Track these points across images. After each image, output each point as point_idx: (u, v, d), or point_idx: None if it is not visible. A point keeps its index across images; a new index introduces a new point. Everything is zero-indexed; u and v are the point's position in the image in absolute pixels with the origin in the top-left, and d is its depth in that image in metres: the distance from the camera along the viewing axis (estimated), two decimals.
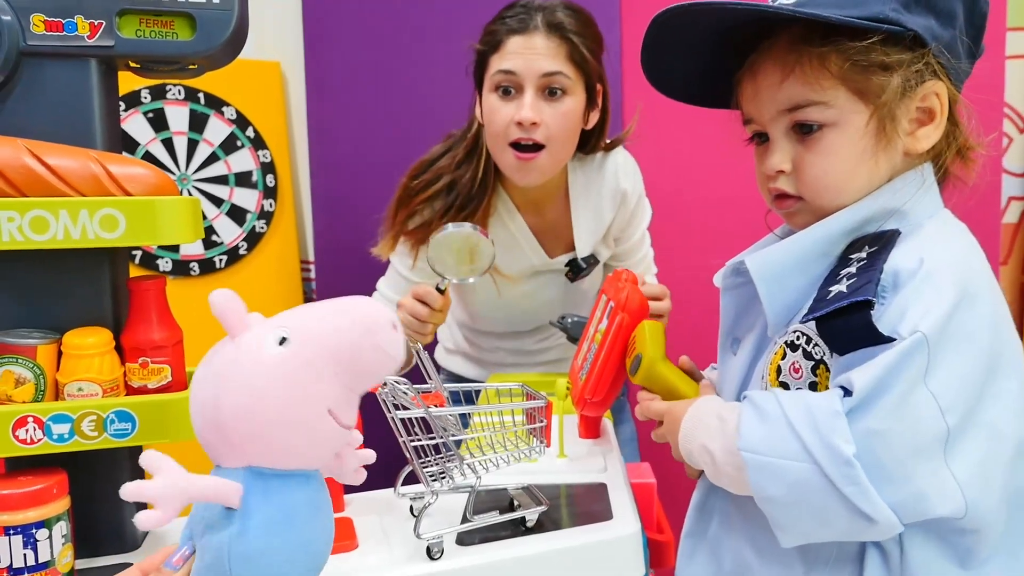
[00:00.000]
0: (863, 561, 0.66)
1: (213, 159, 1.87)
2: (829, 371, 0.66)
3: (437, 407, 0.77)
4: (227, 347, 0.55)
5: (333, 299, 0.59)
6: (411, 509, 0.82)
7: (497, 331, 1.42)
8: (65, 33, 0.72)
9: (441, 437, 0.76)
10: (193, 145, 1.85)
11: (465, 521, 0.77)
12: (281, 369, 0.54)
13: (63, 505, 0.70)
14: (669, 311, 1.17)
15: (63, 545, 0.70)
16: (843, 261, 0.67)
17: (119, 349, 0.75)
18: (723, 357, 0.81)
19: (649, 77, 0.78)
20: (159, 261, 1.82)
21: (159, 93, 1.80)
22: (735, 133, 0.79)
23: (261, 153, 1.93)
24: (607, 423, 1.07)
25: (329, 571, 0.57)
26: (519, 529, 0.78)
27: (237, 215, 1.90)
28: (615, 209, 1.31)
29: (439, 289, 1.15)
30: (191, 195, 1.84)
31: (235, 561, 0.52)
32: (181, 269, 1.84)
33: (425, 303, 1.15)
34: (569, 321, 1.22)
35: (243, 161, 1.90)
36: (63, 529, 0.70)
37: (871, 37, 0.65)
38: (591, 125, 1.25)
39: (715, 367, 0.88)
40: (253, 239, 1.92)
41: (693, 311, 1.41)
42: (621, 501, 0.84)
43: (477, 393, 1.05)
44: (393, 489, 0.84)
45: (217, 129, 1.87)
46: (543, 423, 0.83)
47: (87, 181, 0.71)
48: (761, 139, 0.75)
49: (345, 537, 0.76)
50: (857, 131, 0.68)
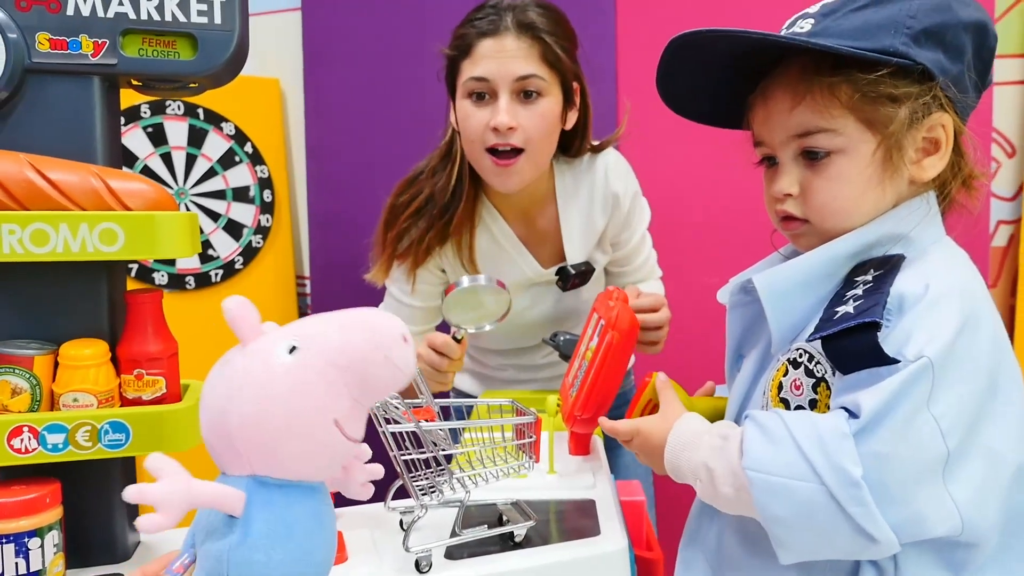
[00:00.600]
0: (858, 573, 0.67)
1: (211, 174, 1.89)
2: (829, 389, 0.67)
3: (427, 422, 0.78)
4: (237, 354, 0.55)
5: (345, 310, 0.58)
6: (401, 523, 0.83)
7: (500, 348, 1.39)
8: (69, 51, 0.74)
9: (431, 451, 0.77)
10: (191, 160, 1.86)
11: (454, 535, 0.78)
12: (289, 378, 0.54)
13: (56, 515, 0.71)
14: (668, 320, 1.14)
15: (55, 554, 0.70)
16: (849, 283, 0.69)
17: (115, 361, 0.76)
18: (730, 374, 0.83)
19: (663, 95, 0.80)
20: (155, 275, 1.83)
21: (159, 108, 1.82)
22: (744, 154, 0.81)
23: (259, 169, 1.94)
24: (597, 440, 1.08)
25: None
26: (508, 544, 0.79)
27: (234, 230, 1.92)
28: (608, 213, 1.26)
29: (456, 339, 1.12)
30: (188, 209, 1.85)
31: (233, 569, 0.52)
32: (177, 283, 1.85)
33: (443, 354, 1.12)
34: (561, 339, 1.23)
35: (241, 176, 1.92)
36: (55, 538, 0.71)
37: (881, 69, 0.67)
38: (570, 125, 1.22)
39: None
40: (249, 254, 1.94)
41: (695, 325, 1.42)
42: (609, 518, 0.85)
43: (469, 408, 1.05)
44: (383, 503, 0.84)
45: (216, 144, 1.89)
46: (532, 439, 0.84)
47: (88, 195, 0.72)
48: (770, 162, 0.77)
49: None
50: (864, 159, 0.70)
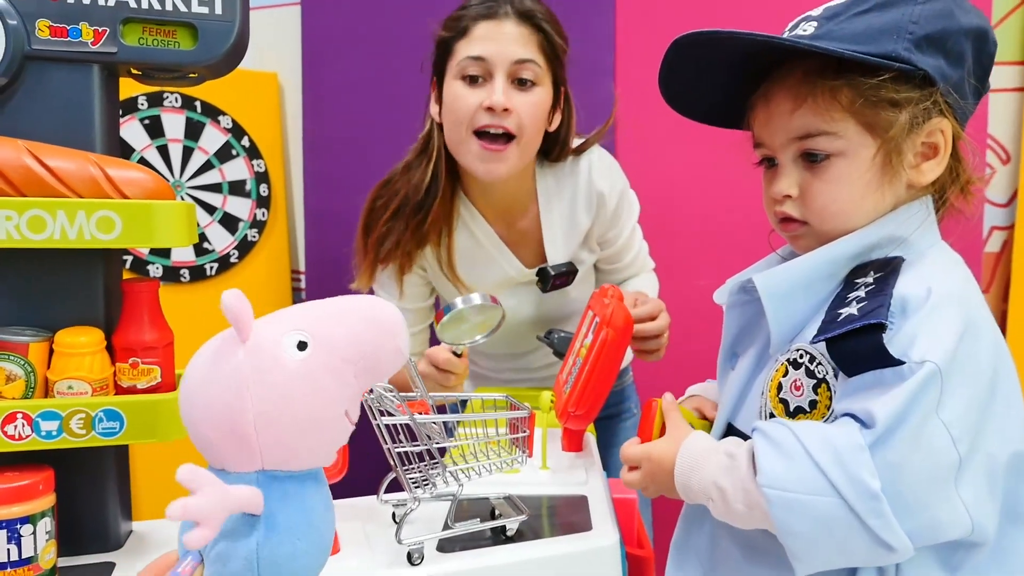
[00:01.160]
0: (856, 574, 0.67)
1: (208, 167, 1.88)
2: (830, 390, 0.67)
3: (422, 415, 0.78)
4: (236, 350, 0.54)
5: (339, 298, 0.60)
6: (393, 516, 0.83)
7: (494, 352, 1.36)
8: (69, 39, 0.74)
9: (425, 445, 0.77)
10: (188, 153, 1.86)
11: (446, 528, 0.78)
12: (306, 375, 0.55)
13: (48, 502, 0.71)
14: (668, 326, 1.13)
15: (47, 541, 0.71)
16: (849, 285, 0.69)
17: (110, 349, 0.76)
18: (722, 371, 0.83)
19: (665, 94, 0.80)
20: (150, 267, 1.83)
21: (156, 100, 1.82)
22: (742, 155, 0.81)
23: (256, 163, 1.94)
24: (590, 437, 1.08)
25: None
26: (499, 537, 0.79)
27: (230, 223, 1.91)
28: (592, 212, 1.23)
29: (456, 354, 1.11)
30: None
31: (264, 568, 0.53)
32: (171, 275, 1.85)
33: (447, 371, 1.10)
34: (555, 337, 1.24)
35: (237, 170, 1.92)
36: (47, 525, 0.71)
37: (883, 74, 0.68)
38: (554, 127, 1.20)
39: (711, 382, 0.89)
40: (245, 247, 1.93)
41: (693, 326, 1.42)
42: (601, 513, 0.86)
43: (463, 403, 1.06)
44: (376, 496, 0.85)
45: (213, 137, 1.88)
46: (526, 433, 0.85)
47: (85, 183, 0.72)
48: (770, 163, 0.77)
49: None
50: (864, 162, 0.71)
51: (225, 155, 1.90)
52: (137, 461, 1.74)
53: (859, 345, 0.63)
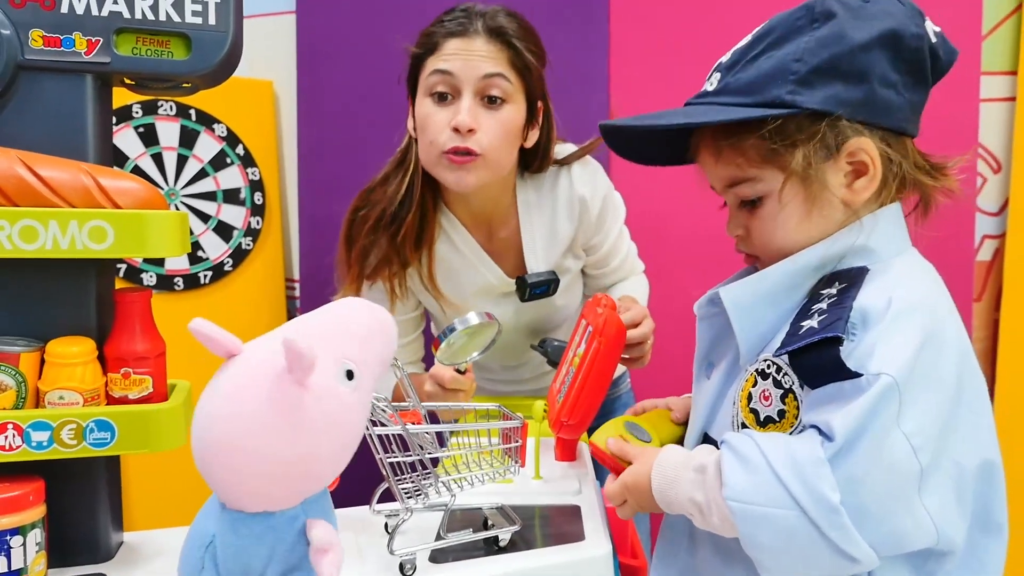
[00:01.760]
0: None
1: (202, 175, 1.89)
2: (797, 400, 0.68)
3: (414, 424, 0.78)
4: (300, 398, 0.54)
5: (359, 312, 0.63)
6: (386, 526, 0.83)
7: (487, 364, 1.35)
8: (63, 49, 0.74)
9: (417, 455, 0.77)
10: (183, 161, 1.86)
11: (439, 539, 0.78)
12: (356, 404, 0.58)
13: (39, 513, 0.71)
14: (652, 331, 1.12)
15: (36, 553, 0.70)
16: (814, 297, 0.70)
17: (102, 359, 0.76)
18: (697, 381, 0.83)
19: (619, 154, 0.83)
20: (143, 275, 1.82)
21: (151, 108, 1.82)
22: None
23: (250, 171, 1.94)
24: (583, 446, 1.08)
25: None
26: (492, 548, 0.79)
27: (224, 231, 1.91)
28: (575, 219, 1.23)
29: (460, 371, 1.10)
30: (179, 210, 1.84)
31: None
32: (165, 284, 1.85)
33: (455, 389, 1.09)
34: (550, 346, 1.24)
35: (232, 178, 1.92)
36: (37, 537, 0.70)
37: (772, 123, 0.70)
38: (531, 144, 1.19)
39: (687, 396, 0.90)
40: (239, 256, 1.93)
41: (682, 333, 1.42)
42: (594, 523, 0.86)
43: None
44: (368, 506, 0.84)
45: (207, 146, 1.89)
46: (518, 443, 0.85)
47: (78, 193, 0.72)
48: (727, 203, 0.80)
49: None
50: (788, 198, 0.73)
51: (220, 163, 1.90)
52: (130, 472, 1.73)
53: (818, 358, 0.64)
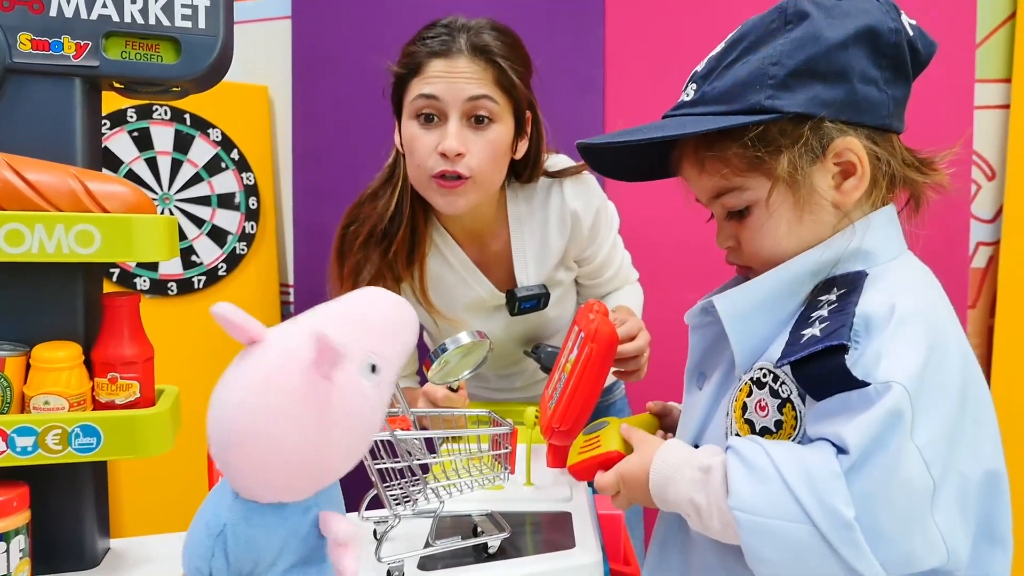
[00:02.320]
0: None
1: (196, 180, 1.88)
2: (795, 410, 0.66)
3: (403, 431, 0.78)
4: (328, 394, 0.54)
5: (385, 305, 0.63)
6: (374, 532, 0.82)
7: (483, 373, 1.33)
8: (51, 52, 0.74)
9: (406, 461, 0.76)
10: (177, 165, 1.86)
11: (427, 546, 0.78)
12: (377, 398, 0.58)
13: (23, 519, 0.70)
14: (648, 344, 1.10)
15: (20, 559, 0.70)
16: (813, 304, 0.68)
17: (89, 364, 0.75)
18: (688, 391, 0.82)
19: (601, 172, 0.82)
20: (137, 280, 1.82)
21: (145, 113, 1.81)
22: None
23: (245, 176, 1.94)
24: None
25: None
26: (481, 555, 0.78)
27: (218, 236, 1.91)
28: (566, 233, 1.21)
29: (453, 389, 1.10)
30: (173, 215, 1.84)
31: None
32: (159, 288, 1.84)
33: (449, 407, 1.08)
34: (543, 352, 1.23)
35: (227, 183, 1.92)
36: (21, 543, 0.70)
37: (753, 130, 0.68)
38: (520, 155, 1.17)
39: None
40: (233, 261, 1.93)
41: (684, 339, 1.42)
42: (584, 530, 0.85)
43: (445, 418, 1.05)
44: (357, 512, 0.84)
45: (202, 150, 1.88)
46: (508, 450, 0.84)
47: (65, 197, 0.72)
48: (714, 215, 0.78)
49: None
50: (776, 205, 0.71)
51: (214, 168, 1.90)
52: (121, 478, 1.73)
53: (823, 368, 0.61)
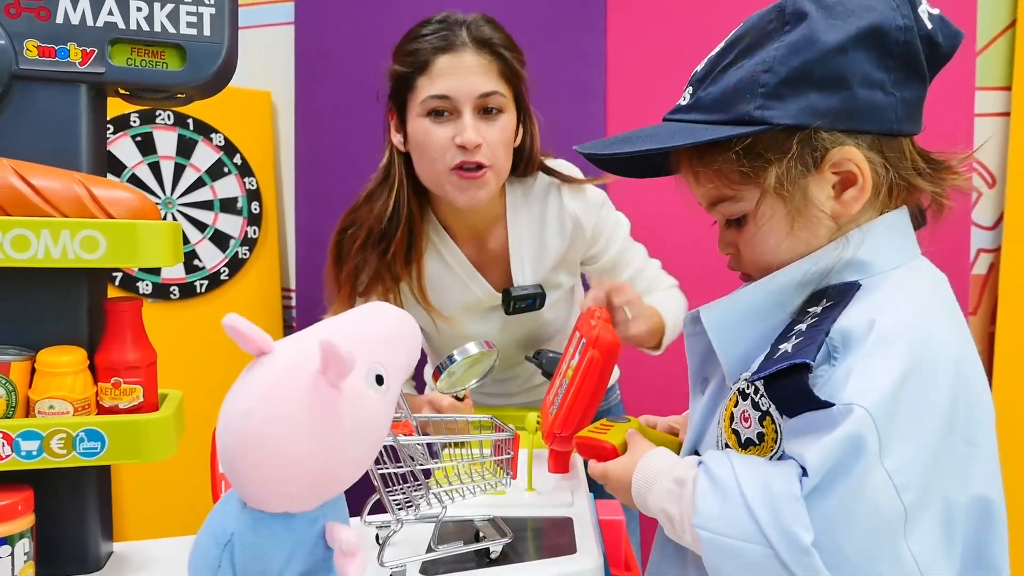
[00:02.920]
0: None
1: (199, 184, 1.89)
2: (775, 423, 0.65)
3: (405, 436, 0.78)
4: (334, 401, 0.54)
5: (387, 316, 0.63)
6: (377, 537, 0.82)
7: None
8: (57, 59, 0.74)
9: (408, 466, 0.77)
10: (180, 170, 1.87)
11: (430, 551, 0.78)
12: (383, 408, 0.58)
13: (27, 522, 0.70)
14: (629, 301, 1.06)
15: (25, 563, 0.70)
16: (801, 315, 0.66)
17: (93, 368, 0.76)
18: (693, 396, 0.82)
19: (609, 171, 0.80)
20: (139, 284, 1.82)
21: (148, 118, 1.82)
22: None
23: (247, 180, 1.95)
24: (576, 458, 1.08)
25: None
26: (483, 560, 0.78)
27: (220, 241, 1.91)
28: (566, 236, 1.22)
29: (459, 398, 1.10)
30: (175, 219, 1.85)
31: None
32: (161, 292, 1.85)
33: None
34: (544, 358, 1.24)
35: (229, 187, 1.92)
36: (26, 547, 0.70)
37: (741, 142, 0.66)
38: (518, 143, 1.20)
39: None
40: (235, 265, 1.93)
41: (679, 346, 1.41)
42: (586, 535, 0.85)
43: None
44: (359, 517, 0.84)
45: (205, 155, 1.89)
46: (510, 455, 0.85)
47: (70, 202, 0.72)
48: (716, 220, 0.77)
49: None
50: (770, 215, 0.69)
51: (217, 173, 1.91)
52: (122, 482, 1.73)
53: (790, 385, 0.60)
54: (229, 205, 1.92)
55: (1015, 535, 0.69)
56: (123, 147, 1.80)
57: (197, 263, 1.89)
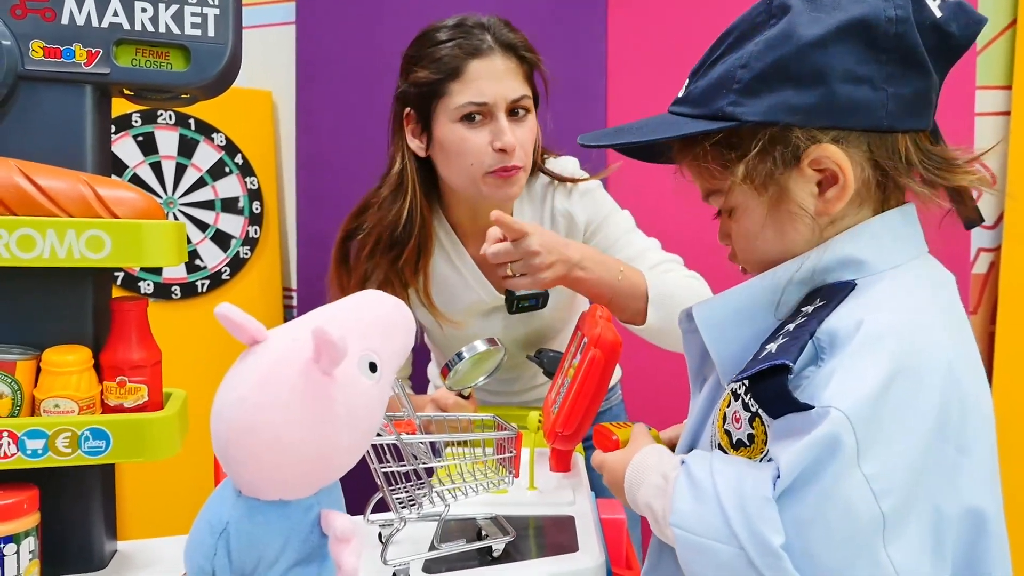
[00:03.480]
0: None
1: (200, 184, 1.89)
2: (764, 424, 0.64)
3: (408, 434, 0.79)
4: (326, 388, 0.54)
5: (382, 304, 0.63)
6: (380, 536, 0.83)
7: None
8: (63, 60, 0.75)
9: (411, 465, 0.77)
10: (181, 170, 1.87)
11: (432, 549, 0.78)
12: (377, 396, 0.58)
13: (32, 521, 0.71)
14: (528, 254, 1.04)
15: (30, 561, 0.70)
16: (795, 313, 0.65)
17: (98, 368, 0.76)
18: (692, 394, 0.82)
19: (625, 154, 0.79)
20: (141, 283, 1.83)
21: (150, 117, 1.82)
22: None
23: (249, 180, 1.95)
24: (578, 457, 1.08)
25: None
26: (486, 558, 0.79)
27: (222, 240, 1.92)
28: (560, 232, 1.22)
29: (464, 396, 1.11)
30: (177, 219, 1.85)
31: None
32: (163, 292, 1.85)
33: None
34: (546, 357, 1.24)
35: (230, 187, 1.93)
36: (31, 545, 0.70)
37: (715, 136, 0.66)
38: None
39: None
40: (237, 265, 1.94)
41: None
42: (587, 534, 0.86)
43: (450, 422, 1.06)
44: (363, 515, 0.84)
45: (206, 155, 1.89)
46: (512, 454, 0.85)
47: (76, 202, 0.73)
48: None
49: None
50: (754, 208, 0.68)
51: (218, 172, 1.91)
52: (125, 480, 1.73)
53: (771, 387, 0.59)
54: (230, 205, 1.93)
55: (1016, 536, 0.69)
56: (125, 147, 1.80)
57: (199, 263, 1.89)
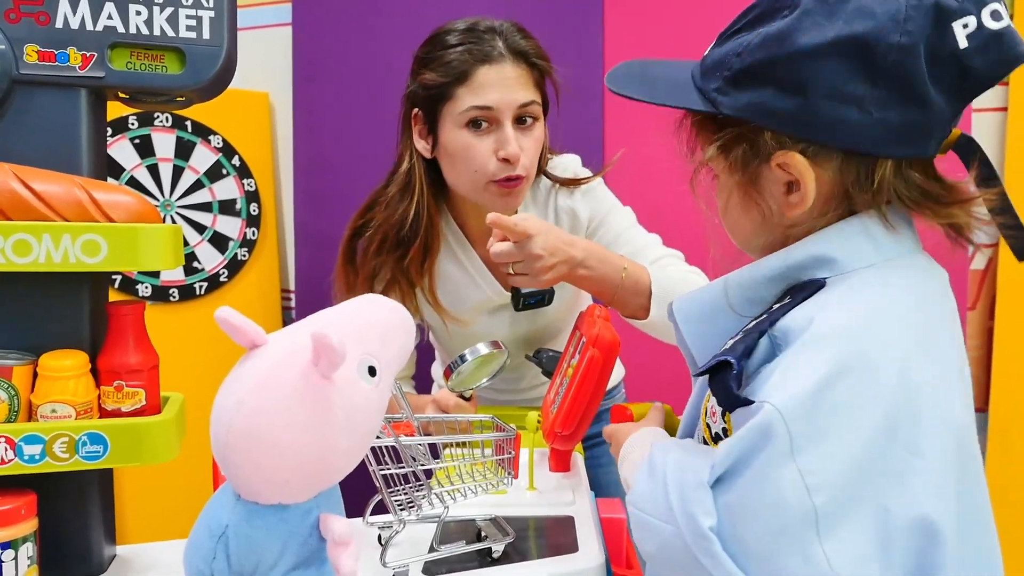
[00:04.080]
0: None
1: (198, 186, 1.89)
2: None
3: (407, 436, 0.78)
4: (326, 392, 0.55)
5: (382, 308, 0.63)
6: (379, 538, 0.83)
7: None
8: (57, 63, 0.75)
9: (410, 466, 0.77)
10: (178, 172, 1.87)
11: (432, 551, 0.78)
12: (377, 401, 0.58)
13: (31, 526, 0.71)
14: (529, 256, 1.05)
15: (28, 567, 0.70)
16: (768, 311, 0.65)
17: (95, 372, 0.76)
18: (693, 386, 0.83)
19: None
20: (139, 286, 1.82)
21: (146, 120, 1.82)
22: None
23: (246, 182, 1.95)
24: (577, 457, 1.08)
25: None
26: (485, 560, 0.79)
27: (219, 243, 1.92)
28: (567, 229, 1.23)
29: (465, 398, 1.12)
30: (174, 221, 1.85)
31: None
32: (160, 295, 1.85)
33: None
34: (544, 356, 1.24)
35: (228, 189, 1.92)
36: (29, 551, 0.70)
37: (697, 115, 0.68)
38: None
39: None
40: (234, 267, 1.94)
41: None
42: (587, 534, 0.86)
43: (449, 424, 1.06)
44: (362, 518, 0.84)
45: (203, 157, 1.89)
46: (511, 454, 0.85)
47: (71, 206, 0.72)
48: None
49: None
50: (723, 184, 0.70)
51: (215, 174, 1.91)
52: (124, 485, 1.73)
53: (719, 383, 0.60)
54: (228, 207, 1.92)
55: (1015, 536, 0.68)
56: (121, 149, 1.80)
57: (196, 265, 1.89)
